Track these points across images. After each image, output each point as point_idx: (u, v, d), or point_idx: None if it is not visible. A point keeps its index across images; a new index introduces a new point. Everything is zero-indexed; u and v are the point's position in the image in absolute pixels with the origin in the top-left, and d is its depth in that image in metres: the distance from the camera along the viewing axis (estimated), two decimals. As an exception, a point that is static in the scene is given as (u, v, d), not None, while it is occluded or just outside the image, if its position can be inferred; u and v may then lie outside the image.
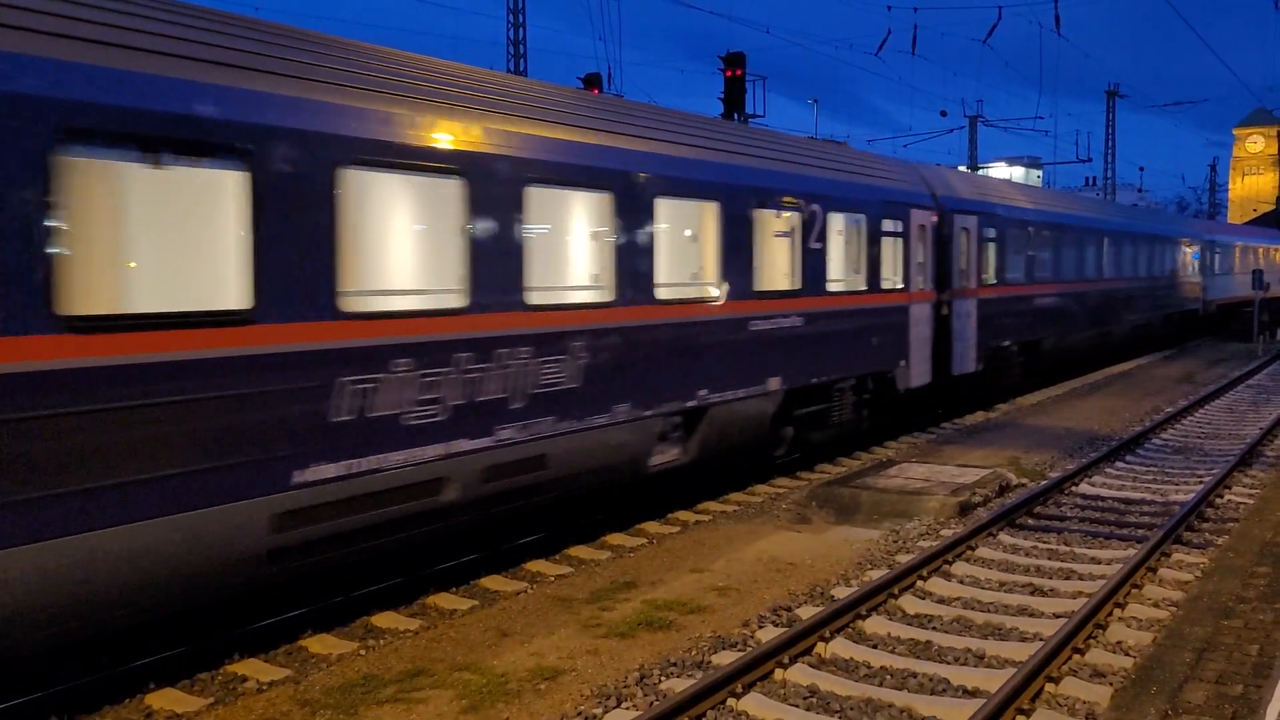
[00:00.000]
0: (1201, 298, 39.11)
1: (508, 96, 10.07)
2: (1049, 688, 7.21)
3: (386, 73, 8.87)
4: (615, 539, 11.41)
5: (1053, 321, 24.66)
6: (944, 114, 48.68)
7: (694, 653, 7.95)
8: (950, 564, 10.18)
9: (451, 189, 9.08)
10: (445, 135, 8.95)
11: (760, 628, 8.50)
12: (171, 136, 6.98)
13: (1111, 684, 7.26)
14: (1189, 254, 37.27)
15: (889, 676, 7.54)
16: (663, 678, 7.50)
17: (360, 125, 8.24)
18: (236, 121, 7.32)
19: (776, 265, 13.94)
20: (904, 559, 10.35)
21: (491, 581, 9.89)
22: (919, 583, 9.57)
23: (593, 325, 10.53)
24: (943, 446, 16.64)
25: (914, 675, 7.53)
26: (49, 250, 6.34)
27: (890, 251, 16.83)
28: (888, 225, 16.51)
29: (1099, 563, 10.36)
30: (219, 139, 7.23)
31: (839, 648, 8.01)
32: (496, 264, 9.40)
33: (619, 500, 12.26)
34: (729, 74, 26.28)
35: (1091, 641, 8.12)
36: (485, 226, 9.29)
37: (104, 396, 6.57)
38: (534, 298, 9.79)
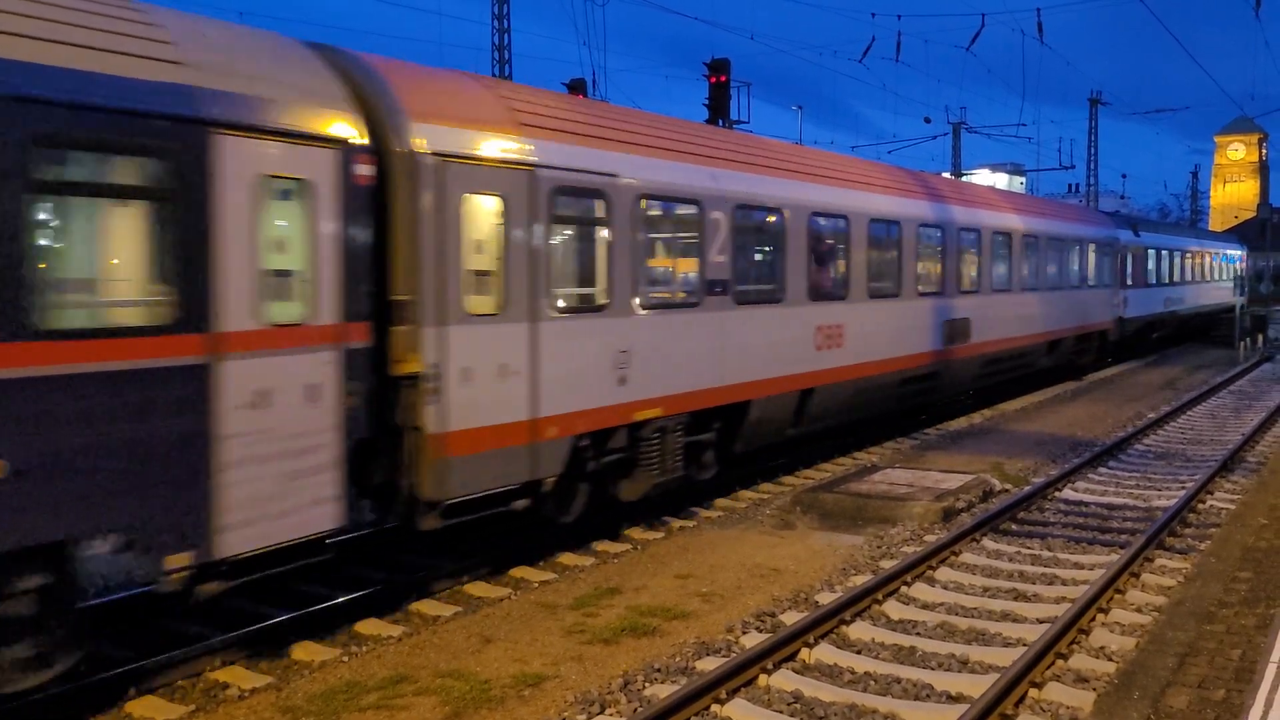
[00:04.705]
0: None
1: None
2: (1032, 693, 7.23)
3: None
4: (599, 545, 11.37)
5: None
6: (928, 120, 48.63)
7: (678, 659, 7.94)
8: (934, 569, 10.19)
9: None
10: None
11: (744, 634, 8.49)
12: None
13: (1095, 689, 7.28)
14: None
15: (873, 682, 7.54)
16: (647, 684, 7.48)
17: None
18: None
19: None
20: (888, 565, 10.36)
21: (475, 588, 9.86)
22: (903, 588, 9.58)
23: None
24: (926, 452, 16.68)
25: (898, 681, 7.54)
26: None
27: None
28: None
29: (1082, 568, 10.40)
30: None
31: (823, 653, 8.01)
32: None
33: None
34: (713, 80, 26.29)
35: (1075, 646, 8.14)
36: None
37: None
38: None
